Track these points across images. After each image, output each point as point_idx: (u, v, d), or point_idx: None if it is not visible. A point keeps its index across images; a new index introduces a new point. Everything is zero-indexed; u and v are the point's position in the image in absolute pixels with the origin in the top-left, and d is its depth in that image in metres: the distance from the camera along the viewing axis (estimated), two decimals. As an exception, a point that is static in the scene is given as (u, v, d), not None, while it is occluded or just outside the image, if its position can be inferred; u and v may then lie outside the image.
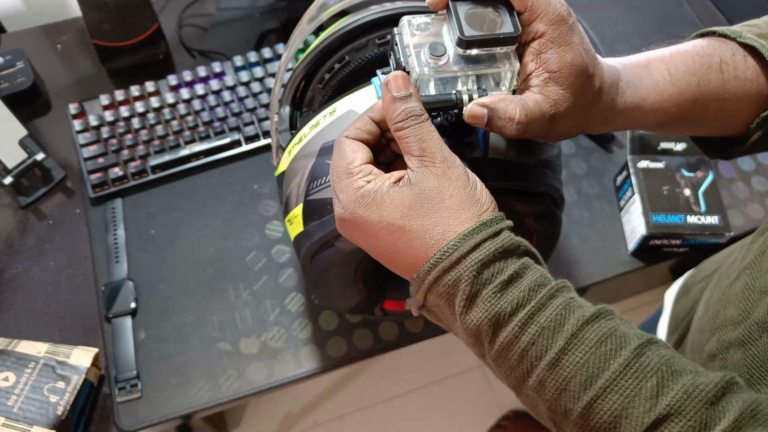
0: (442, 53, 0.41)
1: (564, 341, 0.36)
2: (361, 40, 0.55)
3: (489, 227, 0.38)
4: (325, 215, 0.50)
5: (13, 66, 0.89)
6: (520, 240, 0.39)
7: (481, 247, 0.38)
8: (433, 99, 0.41)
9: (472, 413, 1.47)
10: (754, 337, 0.44)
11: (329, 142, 0.49)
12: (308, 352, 0.73)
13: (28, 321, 0.75)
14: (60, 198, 0.84)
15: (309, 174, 0.51)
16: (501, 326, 0.37)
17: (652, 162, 0.80)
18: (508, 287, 0.37)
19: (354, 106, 0.49)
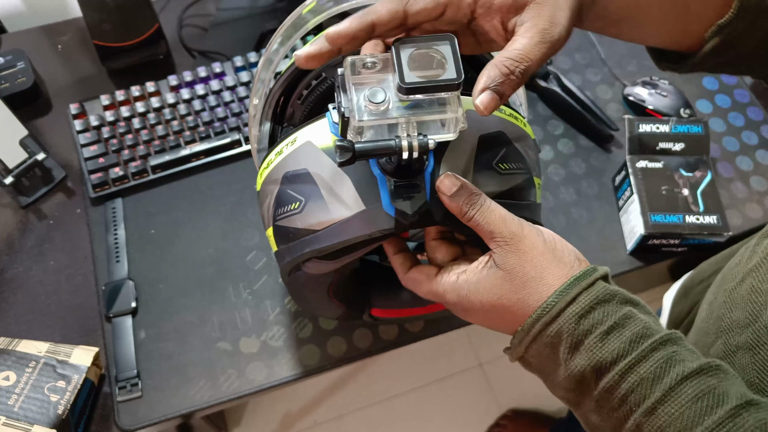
0: (382, 100, 0.41)
1: (661, 393, 0.38)
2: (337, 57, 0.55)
3: (582, 280, 0.41)
4: (290, 242, 0.51)
5: (13, 66, 0.89)
6: (616, 289, 0.42)
7: (577, 300, 0.40)
8: (372, 147, 0.41)
9: (471, 412, 1.47)
10: (763, 341, 0.44)
11: (291, 171, 0.50)
12: (308, 351, 0.74)
13: (29, 320, 0.75)
14: (60, 198, 0.84)
15: (275, 200, 0.52)
16: (603, 373, 0.40)
17: (650, 162, 0.80)
18: (608, 336, 0.40)
19: (311, 137, 0.49)
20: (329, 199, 0.47)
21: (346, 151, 0.40)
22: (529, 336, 0.42)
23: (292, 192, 0.50)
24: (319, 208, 0.48)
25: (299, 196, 0.49)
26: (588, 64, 0.96)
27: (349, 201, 0.46)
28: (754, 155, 0.88)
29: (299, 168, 0.49)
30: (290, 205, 0.50)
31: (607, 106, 0.92)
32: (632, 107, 0.91)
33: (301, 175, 0.49)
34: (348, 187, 0.46)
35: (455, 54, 0.41)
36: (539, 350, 0.42)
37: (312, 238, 0.49)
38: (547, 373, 0.44)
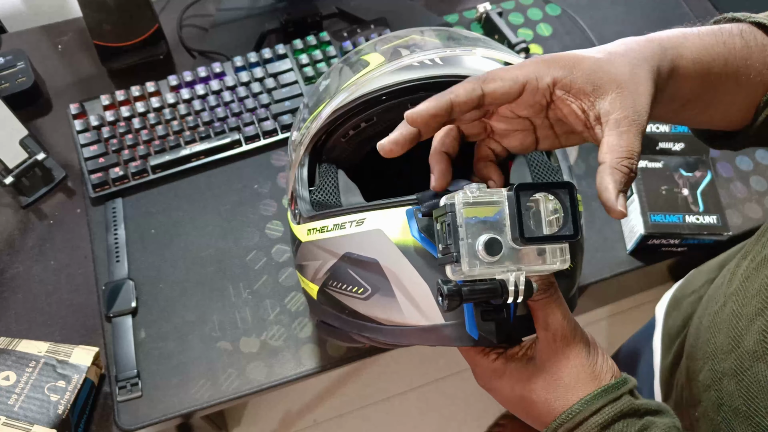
0: (498, 252, 0.38)
1: None
2: (393, 102, 0.52)
3: (610, 393, 0.42)
4: (343, 314, 0.51)
5: (13, 66, 0.89)
6: (641, 402, 0.42)
7: (602, 411, 0.41)
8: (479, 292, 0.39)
9: (471, 412, 1.47)
10: (746, 367, 0.44)
11: (354, 253, 0.48)
12: (308, 351, 0.74)
13: (29, 320, 0.75)
14: (61, 198, 0.84)
15: (329, 270, 0.50)
16: None
17: (650, 162, 0.80)
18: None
19: (384, 226, 0.47)
20: (402, 300, 0.46)
21: (454, 298, 0.39)
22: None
23: (354, 275, 0.48)
24: (389, 305, 0.47)
25: (365, 284, 0.48)
26: (588, 64, 0.96)
27: (426, 309, 0.46)
28: (754, 155, 0.88)
29: (366, 255, 0.47)
30: (351, 286, 0.49)
31: (606, 106, 0.92)
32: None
33: (369, 263, 0.47)
34: (425, 293, 0.45)
35: (573, 206, 0.39)
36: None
37: (375, 327, 0.48)
38: None
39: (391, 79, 0.51)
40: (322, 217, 0.51)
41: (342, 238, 0.49)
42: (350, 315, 0.50)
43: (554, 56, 0.42)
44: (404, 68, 0.52)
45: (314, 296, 0.54)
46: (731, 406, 0.45)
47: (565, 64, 0.41)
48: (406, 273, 0.46)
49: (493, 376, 0.46)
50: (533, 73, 0.41)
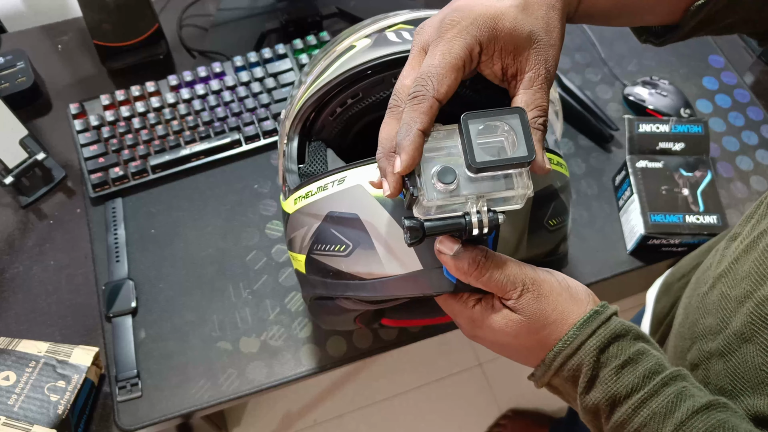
0: (452, 180, 0.39)
1: (673, 427, 0.39)
2: (377, 77, 0.54)
3: (600, 315, 0.42)
4: (328, 278, 0.51)
5: (13, 66, 0.89)
6: (630, 325, 0.43)
7: (596, 333, 0.41)
8: (442, 225, 0.40)
9: (471, 412, 1.47)
10: (734, 348, 0.44)
11: (335, 212, 0.49)
12: (308, 351, 0.74)
13: (29, 320, 0.75)
14: (60, 198, 0.84)
15: (314, 234, 0.51)
16: (616, 406, 0.41)
17: (650, 162, 0.80)
18: (623, 370, 0.41)
19: (363, 181, 0.48)
20: (382, 252, 0.47)
21: (416, 231, 0.40)
22: (551, 370, 0.43)
23: (337, 233, 0.49)
24: (370, 258, 0.47)
25: (346, 240, 0.48)
26: (588, 63, 0.96)
27: (405, 258, 0.46)
28: (754, 155, 0.88)
29: (348, 211, 0.48)
30: (334, 246, 0.49)
31: (607, 106, 0.92)
32: (632, 107, 0.91)
33: (350, 219, 0.48)
34: (404, 243, 0.45)
35: (525, 129, 0.39)
36: (561, 382, 0.44)
37: (357, 284, 0.48)
38: (571, 399, 0.45)
39: (373, 54, 0.53)
40: (306, 184, 0.52)
41: (325, 199, 0.50)
42: (334, 276, 0.50)
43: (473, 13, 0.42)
44: (387, 44, 0.53)
45: (303, 269, 0.54)
46: (717, 386, 0.46)
47: (487, 25, 0.41)
48: (385, 224, 0.46)
49: (475, 326, 0.46)
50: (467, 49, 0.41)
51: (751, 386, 0.42)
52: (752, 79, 0.96)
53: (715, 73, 0.96)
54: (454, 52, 0.41)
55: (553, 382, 0.44)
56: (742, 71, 0.97)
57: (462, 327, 0.48)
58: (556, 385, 0.45)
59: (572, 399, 0.44)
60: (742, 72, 0.96)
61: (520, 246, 0.48)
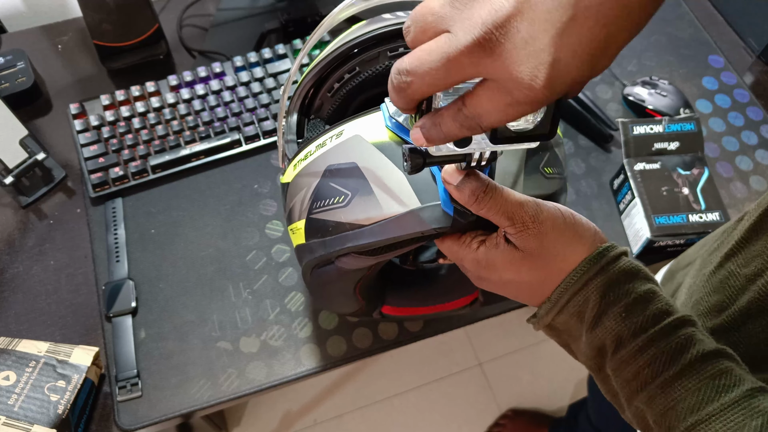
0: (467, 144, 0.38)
1: (680, 367, 0.39)
2: (372, 52, 0.54)
3: (610, 252, 0.42)
4: (327, 235, 0.50)
5: (13, 66, 0.89)
6: (640, 265, 0.42)
7: (606, 270, 0.41)
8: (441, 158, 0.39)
9: (471, 412, 1.47)
10: (737, 325, 0.45)
11: (334, 164, 0.49)
12: (308, 351, 0.74)
13: (29, 320, 0.75)
14: (60, 197, 0.84)
15: (313, 193, 0.51)
16: (622, 344, 0.40)
17: (648, 163, 0.80)
18: (632, 309, 0.40)
19: (361, 131, 0.48)
20: (380, 195, 0.46)
21: (417, 157, 0.39)
22: (557, 306, 0.43)
23: (335, 185, 0.48)
24: (369, 203, 0.47)
25: (345, 190, 0.48)
26: (588, 64, 0.96)
27: (404, 197, 0.46)
28: (754, 155, 0.88)
29: (346, 161, 0.48)
30: (333, 198, 0.48)
31: (606, 106, 0.92)
32: (632, 107, 0.91)
33: (349, 168, 0.48)
34: (402, 183, 0.45)
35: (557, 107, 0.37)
36: (566, 320, 0.43)
37: (357, 233, 0.48)
38: (573, 339, 0.44)
39: (368, 28, 0.53)
40: (306, 146, 0.52)
41: (324, 155, 0.50)
42: (334, 231, 0.49)
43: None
44: (381, 19, 0.53)
45: (303, 238, 0.54)
46: None
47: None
48: (383, 167, 0.46)
49: (480, 267, 0.45)
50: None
51: (755, 363, 0.42)
52: (752, 79, 0.96)
53: (715, 73, 0.96)
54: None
55: (556, 321, 0.44)
56: (742, 71, 0.97)
57: (468, 271, 0.47)
58: (558, 324, 0.44)
59: (574, 338, 0.44)
60: (742, 72, 0.96)
61: (516, 186, 0.47)
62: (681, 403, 0.38)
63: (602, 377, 0.44)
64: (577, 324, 0.43)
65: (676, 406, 0.38)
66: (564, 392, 1.49)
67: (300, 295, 0.77)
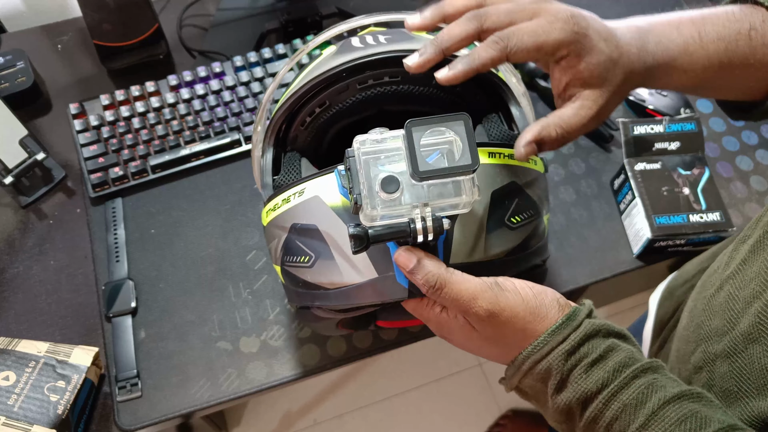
0: (395, 189, 0.40)
1: (645, 418, 0.39)
2: (341, 84, 0.54)
3: (573, 320, 0.42)
4: (299, 288, 0.52)
5: (13, 66, 0.89)
6: (601, 323, 0.43)
7: (568, 339, 0.41)
8: (387, 233, 0.40)
9: (471, 412, 1.47)
10: (740, 349, 0.44)
11: (299, 223, 0.50)
12: (308, 351, 0.74)
13: (29, 320, 0.75)
14: (60, 197, 0.84)
15: (282, 247, 0.52)
16: (588, 403, 0.41)
17: (648, 164, 0.80)
18: (593, 368, 0.41)
19: (320, 192, 0.48)
20: (340, 262, 0.47)
21: (361, 240, 0.40)
22: (520, 372, 0.43)
23: (301, 245, 0.50)
24: (330, 269, 0.48)
25: (309, 251, 0.49)
26: (588, 63, 0.96)
27: (361, 266, 0.46)
28: (754, 155, 0.88)
29: (308, 222, 0.49)
30: (299, 257, 0.50)
31: (607, 106, 0.92)
32: (633, 107, 0.91)
33: (311, 230, 0.49)
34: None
35: (470, 137, 0.40)
36: (531, 384, 0.43)
37: (322, 293, 0.49)
38: (541, 405, 0.45)
39: (338, 61, 0.53)
40: (274, 196, 0.53)
41: (288, 211, 0.51)
42: (304, 287, 0.51)
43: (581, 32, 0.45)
44: (351, 49, 0.53)
45: (282, 279, 0.56)
46: (722, 387, 0.46)
47: (583, 46, 0.44)
48: (341, 234, 0.47)
49: (442, 329, 0.46)
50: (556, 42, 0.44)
51: (757, 387, 0.42)
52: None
53: (715, 73, 0.96)
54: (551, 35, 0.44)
55: (522, 384, 0.44)
56: (742, 71, 0.96)
57: (431, 328, 0.48)
58: (526, 388, 0.45)
59: (542, 403, 0.44)
60: (742, 72, 0.96)
61: (477, 247, 0.47)
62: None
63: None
64: (543, 388, 0.43)
65: None
66: (564, 392, 1.49)
67: (300, 295, 0.77)
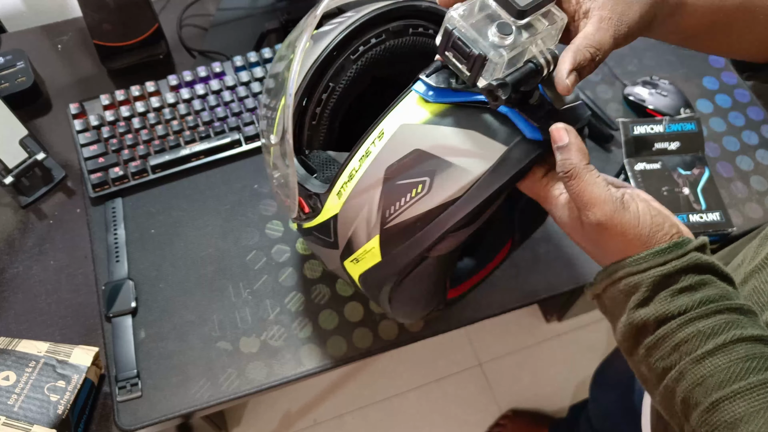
0: (511, 31, 0.42)
1: (713, 346, 0.39)
2: (336, 64, 0.54)
3: (680, 248, 0.42)
4: (417, 232, 0.49)
5: (13, 66, 0.89)
6: (708, 261, 0.42)
7: (668, 264, 0.42)
8: (520, 75, 0.42)
9: (471, 412, 1.47)
10: None
11: (392, 163, 0.48)
12: (308, 351, 0.74)
13: (29, 320, 0.75)
14: (60, 197, 0.84)
15: (380, 203, 0.49)
16: (663, 322, 0.41)
17: (648, 163, 0.80)
18: (681, 294, 0.41)
19: (402, 119, 0.48)
20: (461, 161, 0.46)
21: (505, 86, 0.41)
22: (610, 279, 0.44)
23: (405, 180, 0.48)
24: (453, 176, 0.46)
25: (420, 178, 0.47)
26: (588, 63, 0.96)
27: (486, 150, 0.46)
28: (755, 155, 0.88)
29: (405, 153, 0.47)
30: (408, 193, 0.48)
31: (607, 106, 0.92)
32: (632, 107, 0.91)
33: (412, 157, 0.47)
34: (477, 139, 0.46)
35: None
36: (614, 294, 0.44)
37: (453, 209, 0.47)
38: (614, 317, 0.45)
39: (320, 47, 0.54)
40: (343, 168, 0.51)
41: (374, 162, 0.49)
42: (423, 224, 0.48)
43: None
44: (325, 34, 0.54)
45: (378, 256, 0.52)
46: None
47: None
48: (448, 136, 0.46)
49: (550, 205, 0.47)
50: None
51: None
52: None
53: (716, 73, 0.96)
54: None
55: (607, 292, 0.44)
56: (742, 71, 0.97)
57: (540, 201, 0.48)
58: (606, 298, 0.45)
59: (616, 317, 0.45)
60: (742, 72, 0.96)
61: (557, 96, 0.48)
62: (709, 380, 0.39)
63: (633, 362, 0.44)
64: (623, 301, 0.43)
65: (704, 382, 0.39)
66: (564, 392, 1.49)
67: (300, 295, 0.77)
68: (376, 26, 0.55)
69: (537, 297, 0.77)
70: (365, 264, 0.54)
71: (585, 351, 1.53)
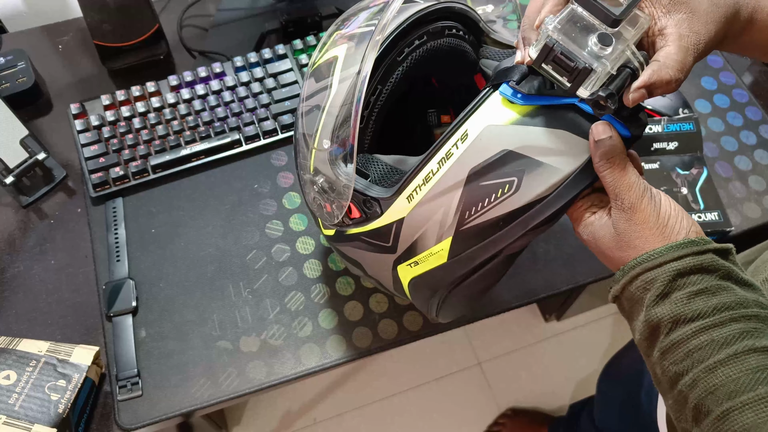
0: (611, 42, 0.42)
1: (725, 355, 0.40)
2: (385, 62, 0.54)
3: (694, 246, 0.43)
4: (494, 233, 0.49)
5: (14, 66, 0.89)
6: (727, 266, 0.43)
7: (683, 259, 0.42)
8: (620, 82, 0.43)
9: (470, 411, 1.47)
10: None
11: (479, 163, 0.48)
12: (308, 350, 0.74)
13: (30, 320, 0.75)
14: (61, 197, 0.84)
15: (459, 205, 0.49)
16: (678, 325, 0.42)
17: (647, 163, 0.81)
18: (696, 297, 0.42)
19: (488, 121, 0.48)
20: (551, 160, 0.46)
21: (613, 97, 0.42)
22: (628, 276, 0.44)
23: (491, 181, 0.48)
24: (543, 174, 0.47)
25: (508, 178, 0.47)
26: (587, 64, 0.96)
27: (573, 149, 0.46)
28: (753, 155, 0.88)
29: (493, 154, 0.47)
30: (493, 194, 0.48)
31: (606, 106, 0.92)
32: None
33: (501, 158, 0.47)
34: (566, 138, 0.46)
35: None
36: (632, 293, 0.44)
37: (540, 207, 0.47)
38: (632, 318, 0.46)
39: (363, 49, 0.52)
40: (417, 172, 0.50)
41: (456, 163, 0.49)
42: (504, 223, 0.49)
43: None
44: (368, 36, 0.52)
45: (445, 258, 0.52)
46: None
47: None
48: (538, 137, 0.47)
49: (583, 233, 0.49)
50: None
51: None
52: (751, 79, 0.96)
53: (714, 73, 0.96)
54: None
55: (626, 291, 0.45)
56: (741, 71, 0.97)
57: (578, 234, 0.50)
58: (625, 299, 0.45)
59: (634, 317, 0.45)
60: (741, 72, 0.97)
61: None
62: (720, 389, 0.39)
63: (650, 363, 0.45)
64: (641, 299, 0.44)
65: (716, 391, 0.40)
66: (563, 392, 1.50)
67: (300, 294, 0.77)
68: (417, 28, 0.55)
69: (536, 296, 0.78)
70: (425, 267, 0.53)
71: (584, 350, 1.54)
